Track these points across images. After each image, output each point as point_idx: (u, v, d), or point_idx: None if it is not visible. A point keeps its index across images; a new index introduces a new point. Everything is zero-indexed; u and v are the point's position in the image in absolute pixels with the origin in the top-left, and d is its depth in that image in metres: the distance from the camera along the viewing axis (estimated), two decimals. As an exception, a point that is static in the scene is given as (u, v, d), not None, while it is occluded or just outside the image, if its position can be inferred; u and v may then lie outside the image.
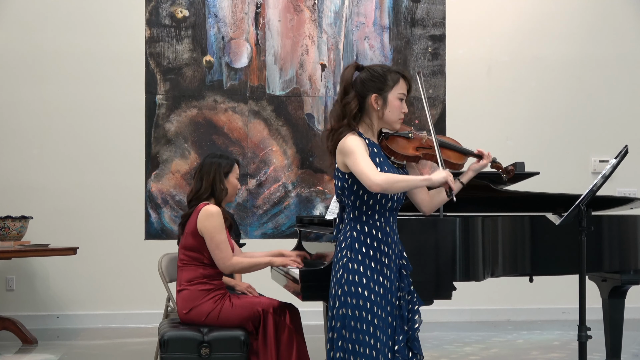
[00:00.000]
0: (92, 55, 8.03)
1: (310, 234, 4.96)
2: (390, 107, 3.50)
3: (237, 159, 4.72)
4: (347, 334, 3.40)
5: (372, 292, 3.41)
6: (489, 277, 4.23)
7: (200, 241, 4.39)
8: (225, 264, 4.36)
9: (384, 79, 3.51)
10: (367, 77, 3.52)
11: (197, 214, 4.41)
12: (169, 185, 8.04)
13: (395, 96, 3.50)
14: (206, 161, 4.61)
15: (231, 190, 4.59)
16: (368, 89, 3.50)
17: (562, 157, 8.33)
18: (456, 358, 6.36)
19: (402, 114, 3.54)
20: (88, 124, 8.02)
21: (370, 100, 3.49)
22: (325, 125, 8.12)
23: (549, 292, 7.88)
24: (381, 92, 3.49)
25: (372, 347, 3.38)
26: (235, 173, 4.62)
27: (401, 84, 3.53)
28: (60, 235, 7.72)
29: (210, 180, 4.52)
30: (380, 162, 3.46)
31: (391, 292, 3.48)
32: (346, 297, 3.42)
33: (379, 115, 3.52)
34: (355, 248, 3.45)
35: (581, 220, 3.90)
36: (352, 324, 3.40)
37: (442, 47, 8.34)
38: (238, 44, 8.16)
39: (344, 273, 3.44)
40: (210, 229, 4.35)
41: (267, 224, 8.12)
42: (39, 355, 6.57)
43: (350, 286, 3.41)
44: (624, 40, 8.50)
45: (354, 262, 3.44)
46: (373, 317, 3.39)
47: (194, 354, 4.21)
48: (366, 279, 3.42)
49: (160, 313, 5.61)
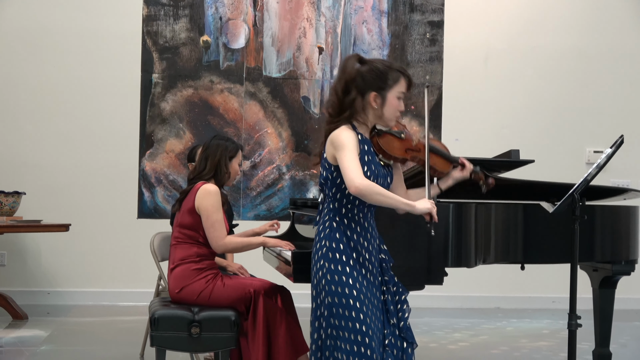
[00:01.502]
0: (89, 32, 8.01)
1: (303, 216, 4.97)
2: (389, 106, 3.45)
3: (242, 146, 4.72)
4: (335, 322, 3.38)
5: (356, 280, 3.38)
6: (480, 264, 4.24)
7: (197, 219, 4.40)
8: (218, 243, 4.37)
9: (385, 77, 3.45)
10: (368, 73, 3.45)
11: (196, 192, 4.41)
12: (163, 165, 8.03)
13: (394, 95, 3.45)
14: (213, 142, 4.59)
15: (232, 175, 4.60)
16: (368, 86, 3.44)
17: (557, 146, 8.34)
18: (445, 344, 6.38)
19: (398, 113, 3.50)
20: (83, 102, 8.00)
21: (369, 97, 3.44)
22: (321, 109, 8.11)
23: (539, 281, 7.92)
24: (381, 90, 3.43)
25: (363, 333, 3.35)
26: (239, 159, 4.62)
27: (401, 83, 3.47)
28: (52, 211, 7.72)
29: (215, 162, 4.52)
30: (368, 160, 3.42)
31: (375, 286, 3.46)
32: (330, 285, 3.39)
33: (376, 114, 3.47)
34: (336, 238, 3.42)
35: (574, 209, 3.90)
36: (341, 311, 3.36)
37: (440, 34, 8.33)
38: (235, 25, 8.14)
39: (325, 262, 3.41)
40: (207, 207, 4.36)
41: (261, 206, 8.13)
42: (29, 331, 6.58)
43: (334, 275, 3.38)
44: (621, 32, 8.50)
45: (335, 252, 3.40)
46: (362, 305, 3.36)
47: (184, 332, 4.22)
48: (349, 267, 3.39)
49: (152, 292, 5.62)
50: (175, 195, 7.81)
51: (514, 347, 6.34)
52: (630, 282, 6.04)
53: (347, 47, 8.19)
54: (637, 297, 8.29)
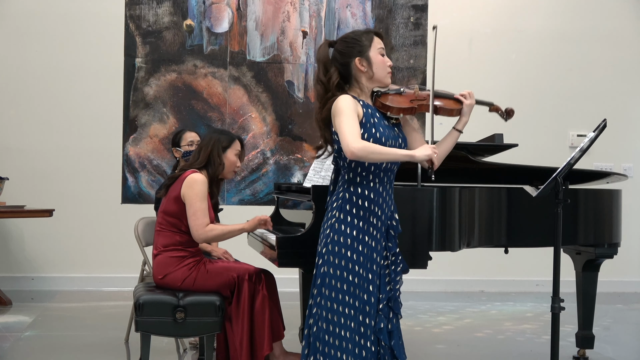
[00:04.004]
0: (71, 16, 7.95)
1: (288, 201, 4.96)
2: (376, 64, 3.56)
3: (240, 137, 4.71)
4: (327, 292, 3.46)
5: (354, 251, 3.46)
6: (464, 248, 4.25)
7: (182, 208, 4.39)
8: (198, 231, 4.36)
9: (359, 40, 3.58)
10: (342, 47, 3.59)
11: (183, 180, 4.40)
12: (146, 150, 8.00)
13: (376, 52, 3.57)
14: (207, 135, 4.65)
15: (228, 166, 4.58)
16: (348, 55, 3.55)
17: (541, 130, 8.37)
18: (430, 327, 6.41)
19: (388, 68, 3.61)
20: (66, 86, 7.95)
21: (354, 65, 3.55)
22: (306, 94, 8.09)
23: (523, 265, 7.95)
24: (362, 53, 3.55)
25: (350, 305, 3.44)
26: (235, 149, 4.60)
27: (377, 40, 3.60)
28: (36, 197, 7.68)
29: (207, 153, 4.52)
30: (375, 123, 3.50)
31: (376, 251, 3.52)
32: (329, 255, 3.47)
33: (368, 76, 3.57)
34: (345, 209, 3.50)
35: (558, 193, 3.91)
36: (333, 282, 3.45)
37: (424, 17, 8.32)
38: (219, 9, 8.10)
39: (331, 232, 3.49)
40: (191, 196, 4.35)
41: (245, 191, 8.11)
42: (12, 317, 6.56)
43: (334, 246, 3.46)
44: (605, 15, 8.52)
45: (341, 223, 3.48)
46: (354, 277, 3.44)
47: (169, 317, 4.22)
48: (351, 239, 3.46)
49: (136, 277, 5.61)
50: (159, 180, 7.78)
51: (498, 330, 6.37)
52: (613, 265, 6.09)
53: (331, 31, 8.17)
54: (620, 279, 8.35)
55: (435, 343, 5.86)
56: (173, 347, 5.45)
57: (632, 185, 7.89)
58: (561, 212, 3.93)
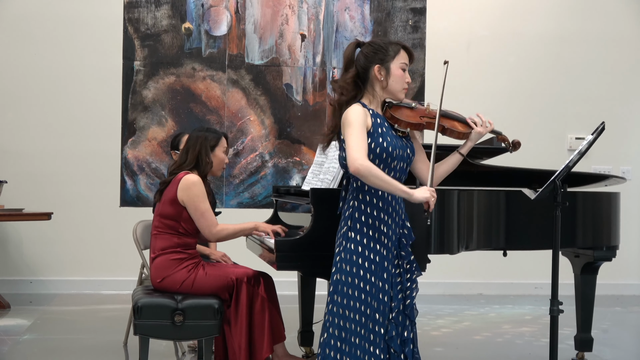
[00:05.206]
0: (70, 19, 7.95)
1: (286, 204, 4.96)
2: (394, 77, 3.58)
3: (225, 133, 4.72)
4: (339, 299, 3.49)
5: (366, 259, 3.48)
6: (463, 251, 4.25)
7: (179, 210, 4.38)
8: (211, 231, 4.37)
9: (385, 50, 3.60)
10: (368, 50, 3.62)
11: (177, 183, 4.39)
12: (145, 153, 8.00)
13: (397, 66, 3.59)
14: (193, 134, 4.63)
15: (217, 164, 4.58)
16: (371, 60, 3.59)
17: (539, 133, 8.37)
18: (429, 330, 6.40)
19: (405, 84, 3.63)
20: (64, 89, 7.95)
21: (373, 71, 3.58)
22: (305, 97, 8.10)
23: (521, 267, 7.95)
24: (383, 62, 3.57)
25: (362, 313, 3.46)
26: (222, 147, 4.61)
27: (402, 54, 3.62)
28: (34, 200, 7.68)
29: (196, 153, 4.52)
30: (383, 132, 3.51)
31: (388, 260, 3.54)
32: (342, 263, 3.50)
33: (382, 86, 3.59)
34: (355, 217, 3.52)
35: (556, 196, 3.91)
36: (345, 289, 3.48)
37: (423, 20, 8.33)
38: (218, 12, 8.10)
39: (343, 241, 3.52)
40: (193, 198, 4.35)
41: (244, 194, 8.11)
42: (11, 320, 6.55)
43: (347, 253, 3.49)
44: (603, 18, 8.52)
45: (352, 231, 3.50)
46: (366, 285, 3.46)
47: (167, 321, 4.22)
48: (362, 247, 3.48)
49: (135, 280, 5.60)
50: (158, 183, 7.78)
51: (497, 333, 6.37)
52: (611, 268, 6.08)
53: (330, 34, 8.17)
54: (618, 282, 8.35)
55: (434, 346, 5.86)
56: (172, 351, 5.45)
57: (630, 188, 7.90)
58: (559, 215, 3.93)
